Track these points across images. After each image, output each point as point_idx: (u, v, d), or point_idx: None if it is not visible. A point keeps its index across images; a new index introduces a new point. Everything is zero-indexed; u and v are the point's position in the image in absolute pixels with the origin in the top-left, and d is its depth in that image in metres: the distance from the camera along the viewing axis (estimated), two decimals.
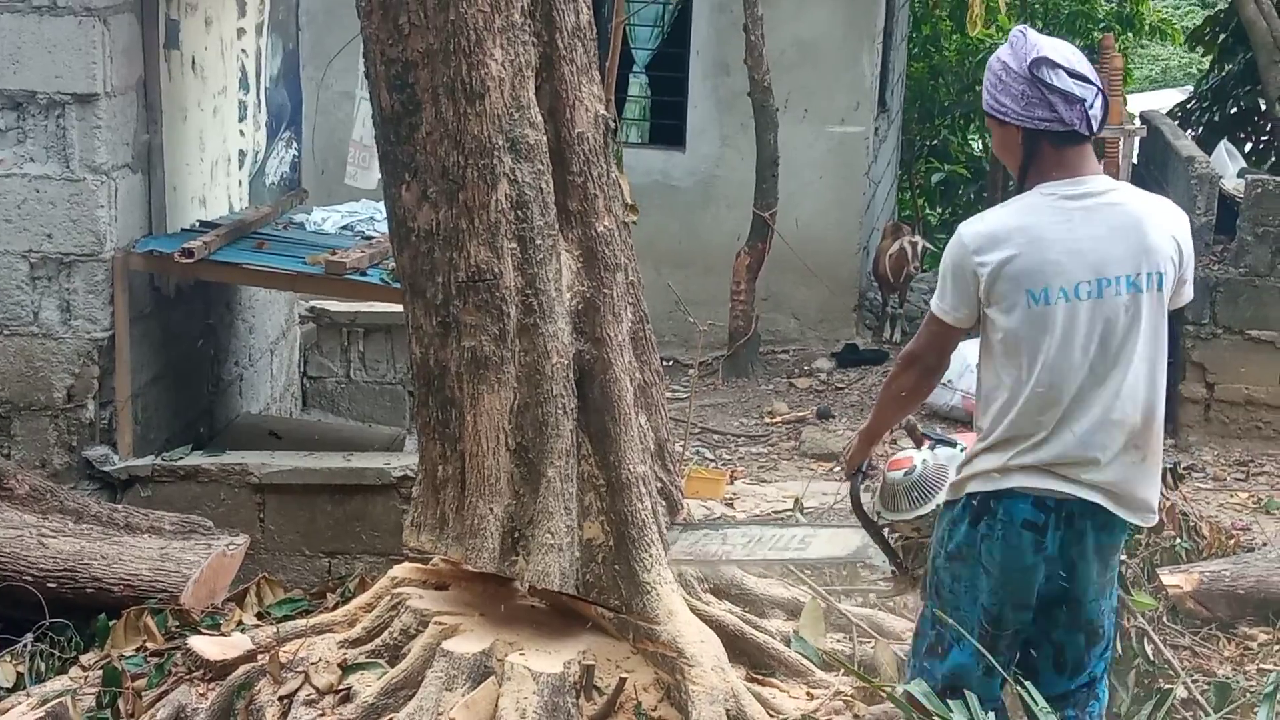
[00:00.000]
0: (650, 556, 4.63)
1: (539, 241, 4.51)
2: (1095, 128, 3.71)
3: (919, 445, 4.32)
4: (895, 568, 4.43)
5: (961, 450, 4.07)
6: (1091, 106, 3.68)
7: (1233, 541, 6.59)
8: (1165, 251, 3.73)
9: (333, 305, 9.44)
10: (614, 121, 4.91)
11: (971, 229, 3.76)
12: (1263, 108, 13.84)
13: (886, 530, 4.36)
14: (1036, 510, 3.74)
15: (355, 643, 4.73)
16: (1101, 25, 18.02)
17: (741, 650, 4.82)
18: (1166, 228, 3.76)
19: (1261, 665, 5.57)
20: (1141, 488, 3.77)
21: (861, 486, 4.31)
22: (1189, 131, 13.65)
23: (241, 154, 8.17)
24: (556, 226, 4.61)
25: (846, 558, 4.97)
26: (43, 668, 5.16)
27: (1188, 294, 3.88)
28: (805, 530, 5.17)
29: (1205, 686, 5.18)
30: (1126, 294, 3.69)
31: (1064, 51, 3.71)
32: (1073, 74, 3.67)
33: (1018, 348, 3.71)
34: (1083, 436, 3.70)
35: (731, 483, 8.75)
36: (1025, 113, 3.69)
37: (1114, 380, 3.70)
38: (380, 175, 4.70)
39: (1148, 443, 3.76)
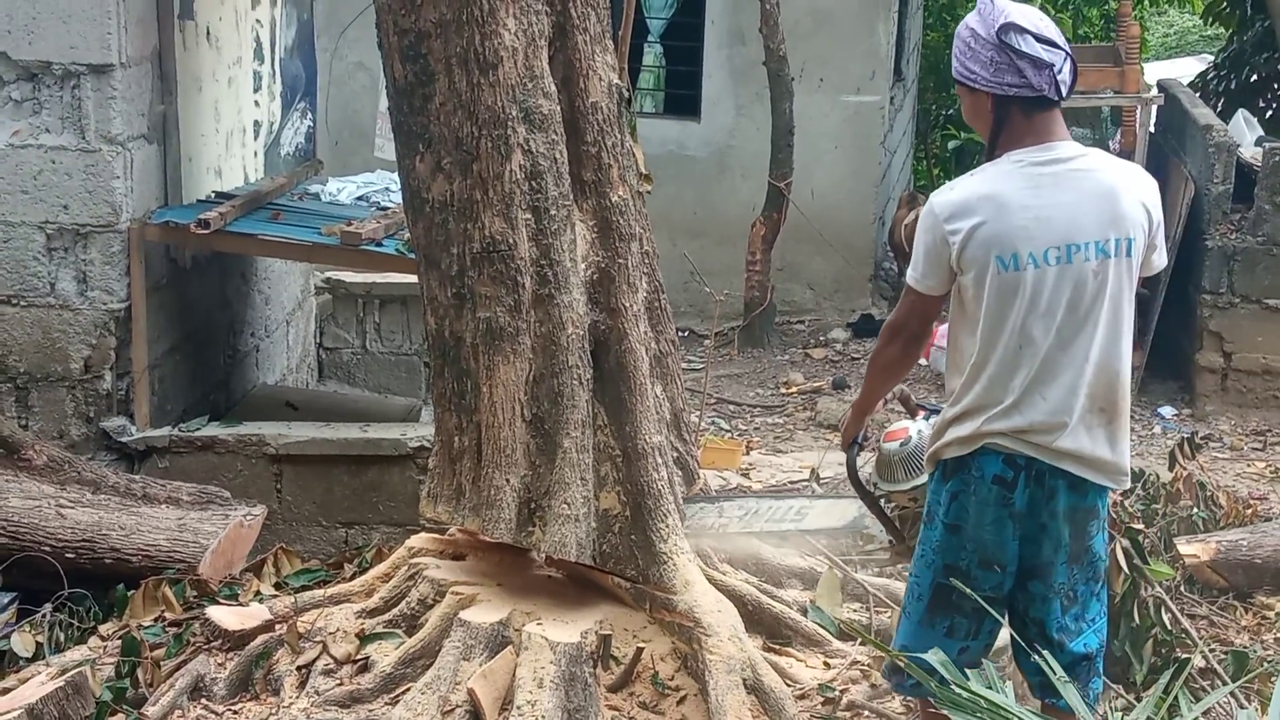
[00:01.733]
0: (667, 526, 4.63)
1: (553, 212, 4.51)
2: (1064, 93, 3.73)
3: (913, 416, 4.35)
4: (892, 538, 4.47)
5: None
6: (1060, 71, 3.70)
7: (1250, 511, 6.59)
8: (1135, 219, 3.74)
9: (348, 276, 9.45)
10: (628, 91, 4.90)
11: (942, 198, 3.79)
12: None
13: (883, 500, 4.39)
14: (1006, 467, 3.78)
15: (373, 613, 4.75)
16: None
17: (758, 620, 4.83)
18: (1136, 194, 3.77)
19: (1278, 635, 5.57)
20: (1111, 451, 3.79)
21: (857, 458, 4.33)
22: (1208, 101, 13.58)
23: (256, 125, 8.17)
24: (571, 197, 4.60)
25: (842, 528, 5.01)
26: (62, 638, 5.17)
27: (1159, 261, 3.88)
28: (801, 502, 5.22)
29: (1223, 656, 5.19)
30: (1095, 260, 3.70)
31: (1032, 17, 3.72)
32: (1041, 39, 3.69)
33: (988, 313, 3.73)
34: (1052, 401, 3.72)
35: (747, 453, 8.77)
36: (994, 79, 3.71)
37: (1081, 345, 3.72)
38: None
39: (1114, 405, 3.78)
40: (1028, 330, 3.71)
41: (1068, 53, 3.73)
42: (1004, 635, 4.10)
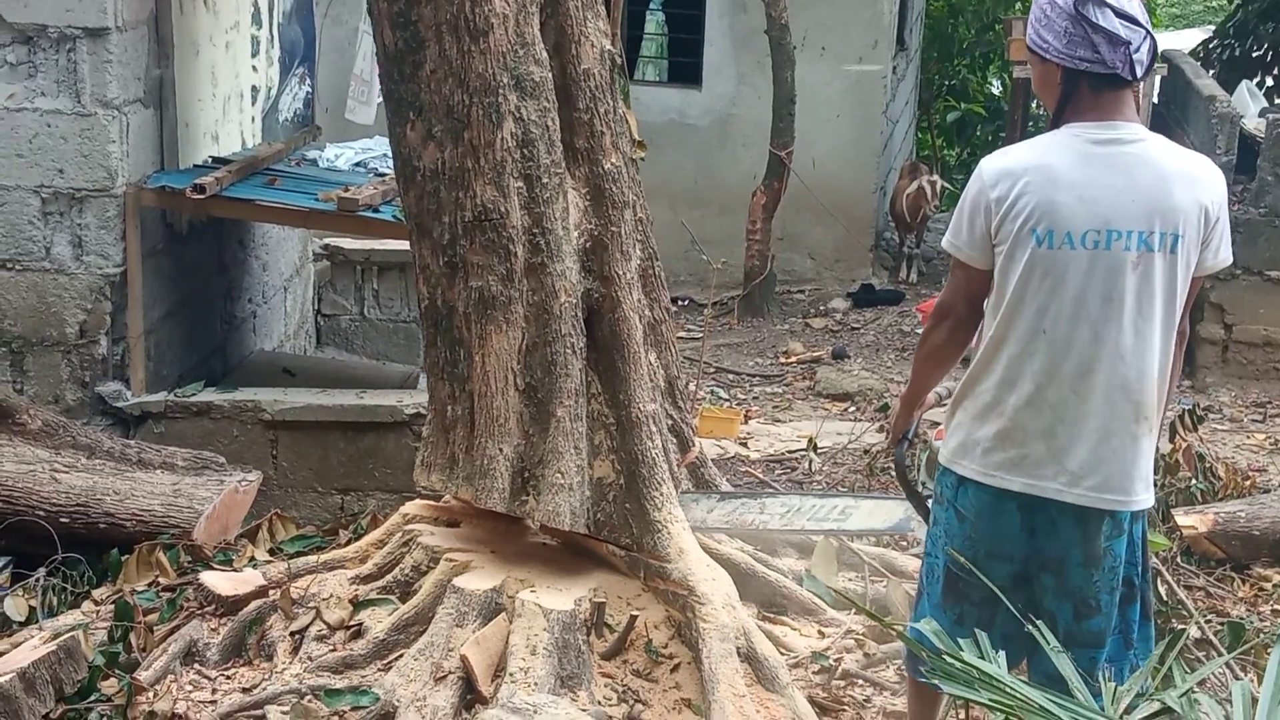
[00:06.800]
0: (661, 495, 4.61)
1: (545, 180, 4.48)
2: (1140, 73, 3.51)
3: None
4: None
5: None
6: (1137, 50, 3.49)
7: (1249, 483, 6.58)
8: (1187, 212, 3.52)
9: (347, 243, 9.43)
10: (620, 57, 4.86)
11: (992, 163, 3.62)
12: None
13: (932, 501, 4.30)
14: None
15: (367, 579, 4.74)
16: None
17: (753, 588, 4.82)
18: (1192, 188, 3.52)
19: (1275, 606, 5.57)
20: (1137, 465, 3.59)
21: (906, 454, 4.17)
22: (1210, 71, 13.52)
23: (254, 90, 8.14)
24: (563, 164, 4.56)
25: (888, 529, 4.91)
26: (55, 602, 5.17)
27: (1213, 261, 3.63)
28: (846, 501, 5.07)
29: (1219, 627, 5.18)
30: (1136, 250, 3.50)
31: None
32: (1120, 15, 3.48)
33: (1014, 289, 3.56)
34: (1083, 397, 3.55)
35: (746, 422, 8.78)
36: (1067, 51, 3.52)
37: (1119, 340, 3.53)
38: (377, 111, 4.65)
39: (1142, 408, 3.57)
40: (1050, 313, 3.53)
41: (1148, 30, 3.52)
42: None
